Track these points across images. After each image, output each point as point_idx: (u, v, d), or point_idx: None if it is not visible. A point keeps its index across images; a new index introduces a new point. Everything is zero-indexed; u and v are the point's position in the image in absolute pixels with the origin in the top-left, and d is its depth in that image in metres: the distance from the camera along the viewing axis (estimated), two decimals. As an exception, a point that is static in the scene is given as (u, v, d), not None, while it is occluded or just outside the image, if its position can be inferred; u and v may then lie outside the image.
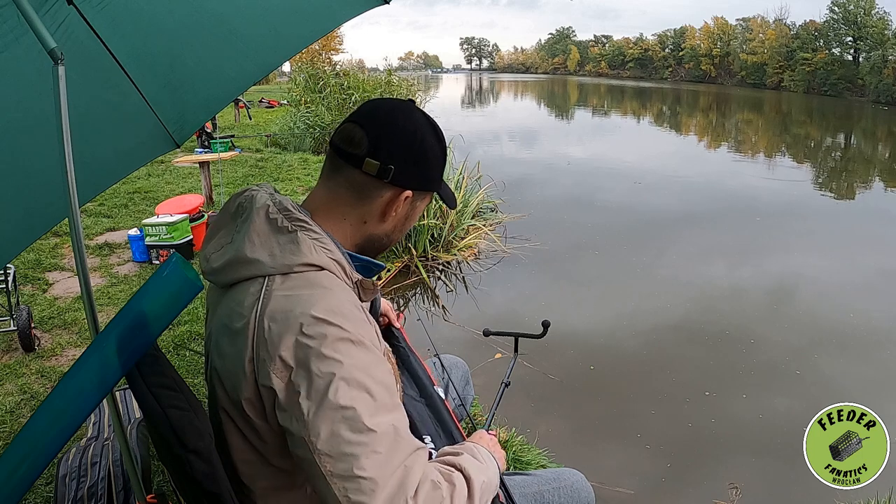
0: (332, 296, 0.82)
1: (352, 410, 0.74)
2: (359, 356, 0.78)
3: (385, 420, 0.75)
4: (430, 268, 4.97)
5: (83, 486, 1.67)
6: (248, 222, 0.88)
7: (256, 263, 0.84)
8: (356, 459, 0.72)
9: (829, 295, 4.81)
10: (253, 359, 0.80)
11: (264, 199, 0.89)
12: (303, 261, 0.84)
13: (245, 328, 0.81)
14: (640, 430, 2.90)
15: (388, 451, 0.74)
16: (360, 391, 0.75)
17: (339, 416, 0.73)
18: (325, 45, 29.06)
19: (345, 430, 0.73)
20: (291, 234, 0.85)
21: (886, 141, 18.88)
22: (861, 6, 47.29)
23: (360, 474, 0.71)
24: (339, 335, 0.78)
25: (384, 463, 0.73)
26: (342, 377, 0.75)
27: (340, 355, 0.76)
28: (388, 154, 0.89)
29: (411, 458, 0.76)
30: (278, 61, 2.04)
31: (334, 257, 0.87)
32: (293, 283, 0.83)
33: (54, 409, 0.88)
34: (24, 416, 2.51)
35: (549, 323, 1.58)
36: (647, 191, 8.72)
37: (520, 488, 1.21)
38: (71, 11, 1.30)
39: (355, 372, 0.76)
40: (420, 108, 0.96)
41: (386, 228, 0.95)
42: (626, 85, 58.03)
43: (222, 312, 0.87)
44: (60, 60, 1.05)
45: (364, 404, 0.75)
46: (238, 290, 0.85)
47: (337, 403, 0.74)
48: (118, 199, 6.30)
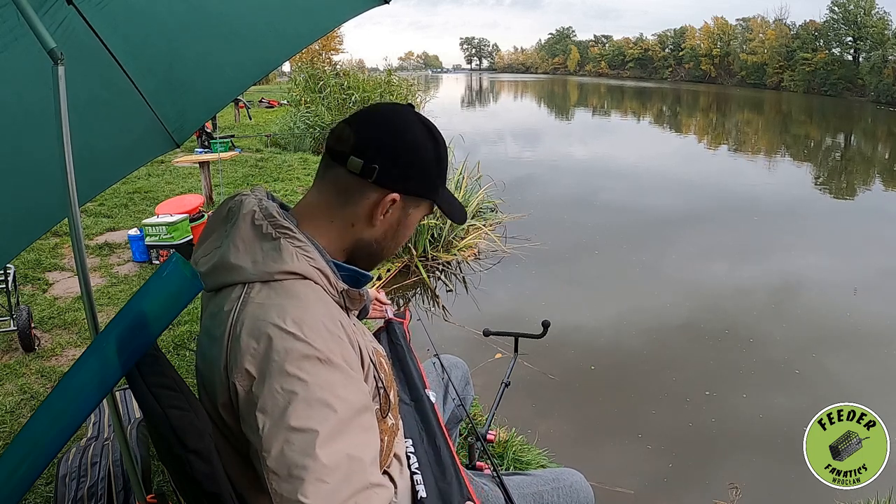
0: (307, 308, 0.80)
1: (305, 434, 0.71)
2: (324, 376, 0.75)
3: (341, 448, 0.72)
4: (430, 268, 4.97)
5: (83, 486, 1.67)
6: (234, 228, 0.87)
7: (239, 269, 0.84)
8: (301, 484, 0.69)
9: (829, 294, 4.82)
10: (227, 366, 0.79)
11: (251, 204, 0.89)
12: (283, 268, 0.82)
13: (222, 335, 0.81)
14: (641, 430, 2.90)
15: (337, 482, 0.70)
16: (320, 413, 0.72)
17: (293, 436, 0.71)
18: (325, 44, 29.06)
19: (295, 452, 0.70)
20: (275, 242, 0.84)
21: (886, 141, 18.88)
22: (861, 6, 47.27)
23: (302, 500, 0.68)
24: (305, 352, 0.75)
25: (329, 494, 0.69)
26: (303, 398, 0.72)
27: (304, 374, 0.74)
28: (373, 152, 0.87)
29: (363, 494, 0.71)
30: (278, 61, 2.03)
31: (317, 266, 0.85)
32: (271, 291, 0.82)
33: (54, 409, 0.88)
34: (24, 416, 2.51)
35: (549, 323, 1.58)
36: (646, 191, 8.72)
37: (519, 488, 1.20)
38: (70, 11, 1.29)
39: (318, 392, 0.73)
40: (420, 112, 0.94)
41: (375, 234, 0.92)
42: (626, 85, 58.04)
43: (206, 317, 0.88)
44: (60, 60, 1.05)
45: (322, 428, 0.71)
46: (221, 296, 0.85)
47: (292, 424, 0.71)
48: (118, 199, 6.29)
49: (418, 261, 4.91)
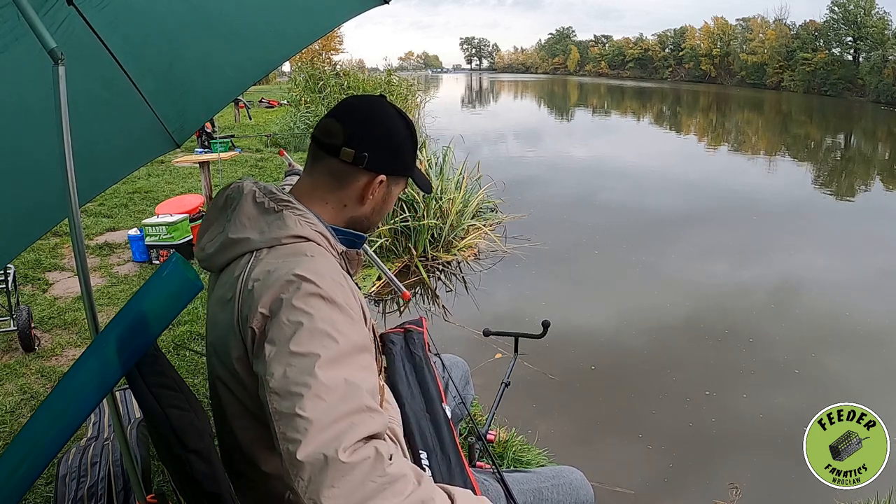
0: (315, 261, 0.88)
1: (308, 358, 0.76)
2: (328, 312, 0.81)
3: (339, 374, 0.76)
4: (431, 268, 4.97)
5: (83, 486, 1.67)
6: (237, 210, 0.95)
7: (246, 241, 0.92)
8: (300, 399, 0.73)
9: (829, 294, 4.81)
10: (238, 319, 0.85)
11: (250, 186, 0.98)
12: (289, 233, 0.91)
13: (233, 296, 0.87)
14: (641, 430, 2.90)
15: (334, 400, 0.74)
16: (322, 342, 0.78)
17: (295, 360, 0.76)
18: (325, 45, 29.02)
19: (296, 372, 0.75)
20: (278, 213, 0.93)
21: (886, 141, 18.88)
22: (861, 6, 47.24)
23: (300, 413, 0.72)
24: (312, 290, 0.82)
25: (326, 409, 0.73)
26: (307, 327, 0.78)
27: (310, 308, 0.80)
28: (362, 143, 0.97)
29: (360, 416, 0.74)
30: (278, 61, 2.04)
31: (318, 229, 0.95)
32: (279, 252, 0.90)
33: (54, 409, 0.88)
34: (24, 416, 2.51)
35: (549, 323, 1.58)
36: (646, 190, 8.72)
37: (518, 485, 1.21)
38: (71, 11, 1.30)
39: (321, 324, 0.79)
40: (390, 102, 1.05)
41: (365, 211, 1.03)
42: (626, 85, 58.01)
43: (217, 293, 0.93)
44: (60, 60, 1.05)
45: (323, 353, 0.76)
46: (230, 269, 0.92)
47: (295, 350, 0.77)
48: (118, 199, 6.30)
49: (418, 261, 4.91)
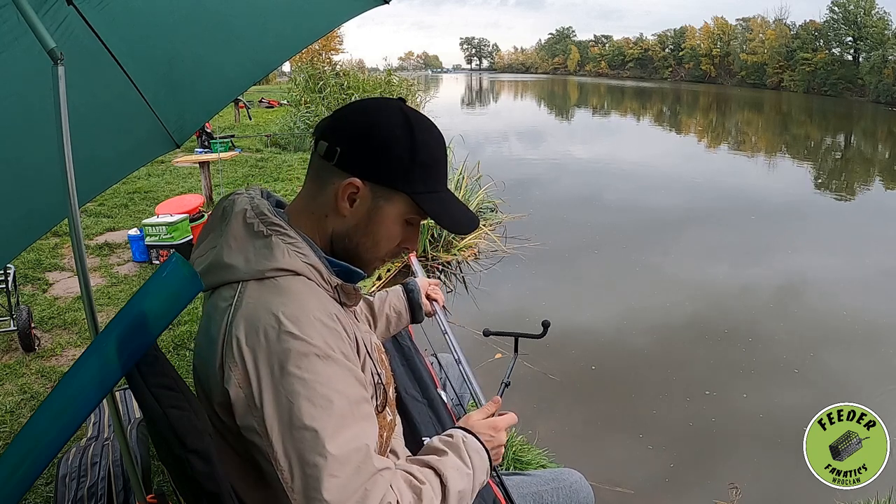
0: (301, 303, 0.81)
1: (313, 432, 0.74)
2: (323, 371, 0.78)
3: (346, 439, 0.76)
4: (430, 268, 4.97)
5: (83, 486, 1.67)
6: (227, 227, 0.88)
7: (231, 269, 0.85)
8: (316, 482, 0.73)
9: (829, 293, 4.81)
10: (221, 365, 0.81)
11: (243, 203, 0.89)
12: (275, 266, 0.83)
13: (217, 336, 0.82)
14: (642, 430, 2.90)
15: (348, 474, 0.75)
16: (323, 409, 0.76)
17: (299, 435, 0.75)
18: (325, 45, 29.04)
19: (307, 451, 0.74)
20: (266, 239, 0.85)
21: (886, 141, 18.88)
22: (861, 6, 47.22)
23: (318, 497, 0.73)
24: (303, 350, 0.77)
25: (343, 486, 0.74)
26: (306, 396, 0.75)
27: (303, 371, 0.76)
28: (340, 135, 0.85)
29: (371, 481, 0.76)
30: (278, 61, 2.04)
31: (309, 262, 0.86)
32: (264, 289, 0.83)
33: (54, 409, 0.87)
34: (24, 416, 2.51)
35: (549, 323, 1.58)
36: (646, 190, 8.71)
37: (518, 488, 1.21)
38: (70, 11, 1.29)
39: (318, 388, 0.76)
40: (409, 106, 0.89)
41: (346, 226, 0.88)
42: (626, 85, 58.02)
43: (204, 316, 0.90)
44: (60, 60, 1.05)
45: (326, 423, 0.75)
46: (217, 295, 0.87)
47: (299, 424, 0.75)
48: (118, 199, 6.30)
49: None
